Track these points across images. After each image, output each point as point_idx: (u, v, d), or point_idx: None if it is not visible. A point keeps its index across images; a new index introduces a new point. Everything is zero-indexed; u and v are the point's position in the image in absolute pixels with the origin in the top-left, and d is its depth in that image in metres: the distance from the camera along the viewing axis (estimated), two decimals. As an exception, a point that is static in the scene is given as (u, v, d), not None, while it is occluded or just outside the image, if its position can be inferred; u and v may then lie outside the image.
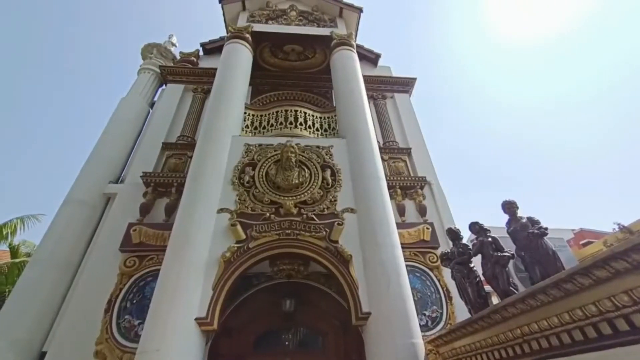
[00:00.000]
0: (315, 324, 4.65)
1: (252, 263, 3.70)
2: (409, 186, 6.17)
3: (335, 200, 4.42)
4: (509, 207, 3.06)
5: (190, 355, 3.00)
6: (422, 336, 3.49)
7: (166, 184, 5.56)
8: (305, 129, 5.77)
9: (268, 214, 4.09)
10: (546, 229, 2.77)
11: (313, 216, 4.14)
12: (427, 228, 5.53)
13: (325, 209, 4.28)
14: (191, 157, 5.17)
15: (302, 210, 4.21)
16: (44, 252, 4.76)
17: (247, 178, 4.46)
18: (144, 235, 4.84)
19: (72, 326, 4.08)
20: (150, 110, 7.55)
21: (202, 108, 7.20)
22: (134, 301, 4.30)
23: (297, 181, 4.41)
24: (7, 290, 8.28)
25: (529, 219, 2.93)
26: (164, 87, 7.98)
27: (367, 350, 3.38)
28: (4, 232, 10.00)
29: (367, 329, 3.41)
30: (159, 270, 3.79)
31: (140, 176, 5.54)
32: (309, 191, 4.42)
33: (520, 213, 3.06)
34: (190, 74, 7.85)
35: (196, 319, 3.15)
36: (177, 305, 3.18)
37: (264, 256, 3.78)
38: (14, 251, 10.54)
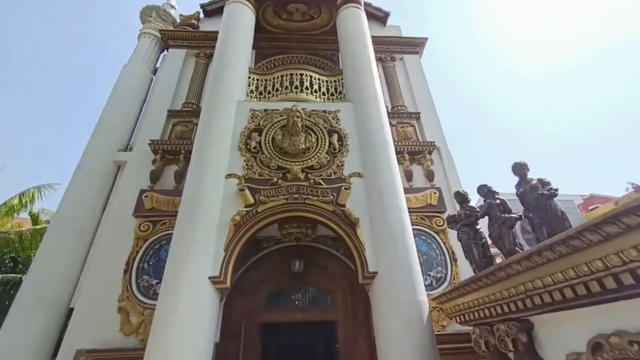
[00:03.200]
0: (324, 284, 4.85)
1: (261, 226, 3.80)
2: (417, 151, 6.09)
3: (342, 165, 4.41)
4: (520, 169, 3.01)
5: (205, 310, 3.20)
6: (427, 295, 3.63)
7: (174, 152, 5.60)
8: (311, 93, 5.62)
9: (275, 179, 4.12)
10: (556, 189, 2.73)
11: (320, 181, 4.16)
12: (435, 193, 5.53)
13: (333, 174, 4.29)
14: (197, 125, 5.15)
15: (309, 175, 4.23)
16: (61, 218, 4.96)
17: (253, 144, 4.45)
18: (156, 201, 4.96)
19: (94, 286, 4.34)
20: (154, 77, 7.42)
21: (206, 74, 7.03)
22: (151, 263, 4.52)
23: (303, 146, 4.38)
24: (31, 254, 8.74)
25: (540, 180, 2.89)
26: (165, 52, 7.76)
27: (373, 307, 3.54)
28: (23, 201, 10.38)
29: (373, 287, 3.55)
30: (172, 234, 3.95)
31: (148, 144, 5.57)
32: (315, 156, 4.41)
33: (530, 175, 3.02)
34: (192, 38, 7.57)
35: (210, 278, 3.32)
36: (190, 265, 3.33)
37: (273, 220, 3.87)
38: (34, 219, 11.00)
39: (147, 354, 3.00)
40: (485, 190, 3.27)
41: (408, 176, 5.79)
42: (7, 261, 9.47)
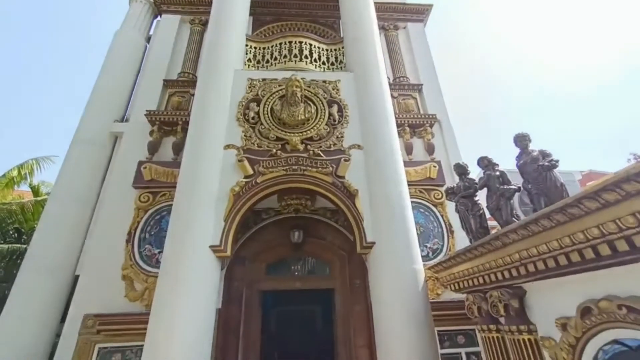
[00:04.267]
0: (322, 254, 4.96)
1: (261, 197, 3.82)
2: (418, 124, 6.01)
3: (342, 137, 4.35)
4: (521, 140, 2.97)
5: (207, 277, 3.28)
6: (422, 265, 3.72)
7: (171, 123, 5.51)
8: (311, 62, 5.44)
9: (274, 150, 4.08)
10: (557, 161, 2.71)
11: (320, 152, 4.13)
12: (434, 166, 5.52)
13: (332, 145, 4.25)
14: (194, 95, 5.04)
15: (309, 146, 4.19)
16: (61, 188, 4.96)
17: (251, 114, 4.36)
18: (155, 172, 4.96)
19: (98, 255, 4.43)
20: (147, 45, 7.14)
21: (201, 42, 6.77)
22: (152, 233, 4.59)
23: (302, 117, 4.30)
24: (34, 225, 8.86)
25: (541, 151, 2.86)
26: (158, 18, 7.42)
27: (370, 275, 3.64)
28: (22, 173, 10.36)
29: (371, 257, 3.63)
30: (172, 205, 3.97)
31: (145, 115, 5.48)
32: (315, 127, 4.34)
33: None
34: (186, 3, 7.21)
35: (210, 247, 3.38)
36: (191, 234, 3.38)
37: (272, 191, 3.88)
38: (35, 190, 11.06)
39: (152, 319, 3.11)
40: (485, 162, 3.25)
41: (408, 149, 5.75)
42: (11, 232, 9.61)
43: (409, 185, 4.39)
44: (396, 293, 3.27)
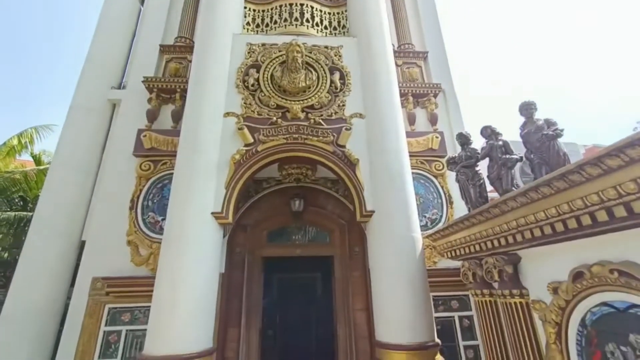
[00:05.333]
0: (322, 223, 5.04)
1: (261, 166, 3.82)
2: (421, 94, 5.86)
3: (343, 105, 4.27)
4: (526, 109, 2.90)
5: (209, 243, 3.37)
6: (421, 234, 3.78)
7: (169, 90, 5.39)
8: (312, 26, 5.21)
9: (275, 118, 4.02)
10: (562, 130, 2.67)
11: (320, 121, 4.06)
12: (437, 137, 5.46)
13: (333, 114, 4.17)
14: (192, 62, 4.88)
15: (310, 115, 4.12)
16: (61, 156, 4.96)
17: (251, 81, 4.25)
18: (155, 141, 4.92)
19: (102, 221, 4.52)
20: (142, 8, 6.82)
21: (198, 4, 6.44)
22: (154, 201, 4.65)
23: (303, 84, 4.19)
24: (39, 193, 8.97)
25: (546, 120, 2.80)
26: (152, -23, 7.01)
27: (369, 243, 3.72)
28: (22, 142, 10.34)
29: (370, 225, 3.69)
30: (173, 173, 3.98)
31: (142, 81, 5.35)
32: (316, 95, 4.24)
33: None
34: (180, -39, 6.77)
35: (212, 213, 3.43)
36: (193, 201, 3.42)
37: (272, 159, 3.87)
38: (36, 160, 11.09)
39: (157, 282, 3.23)
40: (488, 132, 3.20)
41: (411, 119, 5.66)
42: (16, 200, 9.75)
43: (410, 156, 4.37)
44: (394, 259, 3.35)
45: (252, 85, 4.24)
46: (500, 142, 3.11)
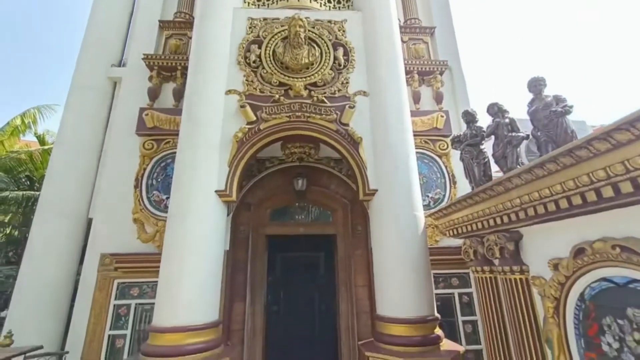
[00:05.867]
0: (325, 202, 5.08)
1: (264, 144, 3.80)
2: (427, 71, 5.71)
3: (347, 82, 4.18)
4: (535, 85, 2.82)
5: (213, 220, 3.41)
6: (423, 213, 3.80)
7: (170, 68, 5.30)
8: (316, -1, 5.03)
9: (277, 96, 3.96)
10: (571, 107, 2.60)
11: (324, 98, 3.99)
12: (442, 116, 5.37)
13: (337, 92, 4.09)
14: (192, 38, 4.76)
15: (312, 92, 4.04)
16: (65, 135, 4.96)
17: (253, 57, 4.15)
18: (157, 119, 4.89)
19: (108, 200, 4.58)
20: (138, -20, 6.58)
21: (197, -24, 6.21)
22: (159, 179, 4.68)
23: (306, 60, 4.09)
24: (44, 173, 9.07)
25: (555, 97, 2.73)
26: (148, -52, 6.72)
27: (372, 222, 3.75)
28: (26, 122, 10.34)
29: (373, 204, 3.70)
30: (176, 152, 3.98)
31: (142, 59, 5.25)
32: (319, 72, 4.15)
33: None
34: None
35: (216, 191, 3.45)
36: (197, 179, 3.44)
37: (275, 138, 3.84)
38: (40, 140, 11.13)
39: (164, 258, 3.29)
40: (495, 109, 3.13)
41: (416, 98, 5.56)
42: (23, 179, 9.87)
43: (414, 135, 4.31)
44: (396, 237, 3.39)
45: (254, 61, 4.15)
46: (507, 120, 3.05)
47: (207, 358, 2.88)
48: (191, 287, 3.06)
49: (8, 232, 9.25)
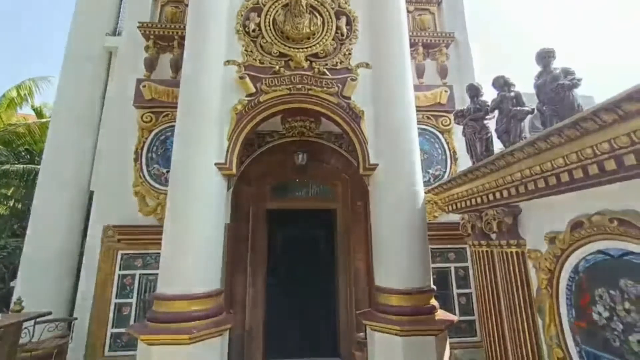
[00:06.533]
0: (326, 177, 5.09)
1: (264, 117, 3.74)
2: (433, 43, 5.53)
3: (349, 54, 4.05)
4: (544, 56, 2.71)
5: (214, 193, 3.42)
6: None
7: (167, 37, 5.12)
8: (318, -37, 4.75)
9: (277, 67, 3.85)
10: (579, 80, 2.53)
11: (325, 70, 3.88)
12: (445, 91, 5.25)
13: (338, 63, 3.97)
14: (188, 5, 4.56)
15: (314, 64, 3.92)
16: (61, 107, 4.90)
17: (252, 26, 4.00)
18: (155, 91, 4.79)
19: (108, 173, 4.58)
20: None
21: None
22: (158, 153, 4.66)
23: (308, 30, 3.93)
24: (43, 146, 9.03)
25: (563, 69, 2.64)
26: None
27: (372, 196, 3.76)
28: (22, 94, 10.16)
29: (373, 179, 3.70)
30: (175, 125, 3.92)
31: (138, 27, 5.06)
32: (321, 42, 4.00)
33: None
34: None
35: (216, 164, 3.44)
36: (196, 153, 3.41)
37: (275, 111, 3.78)
38: (38, 112, 11.01)
39: (166, 230, 3.33)
40: (501, 82, 3.05)
41: (419, 72, 5.41)
42: (23, 153, 9.85)
43: (417, 110, 4.23)
44: (395, 211, 3.41)
45: (254, 30, 4.00)
46: (512, 94, 2.98)
47: (210, 324, 2.99)
48: (193, 258, 3.12)
49: (12, 205, 9.34)
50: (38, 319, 3.60)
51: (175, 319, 2.89)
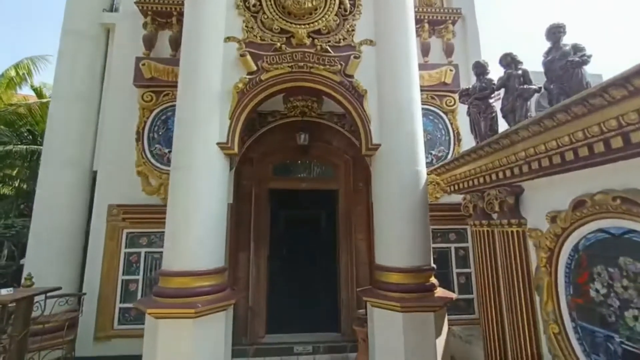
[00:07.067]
0: (328, 158, 5.07)
1: (266, 96, 3.68)
2: (439, 20, 5.35)
3: (352, 30, 3.93)
4: (554, 32, 2.63)
5: (216, 173, 3.42)
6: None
7: (165, 13, 4.98)
8: None
9: (279, 44, 3.75)
10: (589, 56, 2.46)
11: (327, 47, 3.78)
12: (451, 70, 5.13)
13: (341, 40, 3.86)
14: (186, -21, 4.40)
15: (316, 40, 3.81)
16: (61, 86, 4.82)
17: (252, 1, 3.87)
18: (154, 70, 4.71)
19: (111, 152, 4.59)
20: None
21: None
22: (160, 133, 4.64)
23: (309, 5, 3.80)
24: (44, 127, 9.01)
25: (574, 46, 2.57)
26: None
27: (373, 176, 3.76)
28: (20, 73, 10.05)
29: (375, 159, 3.69)
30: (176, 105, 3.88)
31: (135, 2, 4.92)
32: (323, 18, 3.88)
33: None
34: None
35: (218, 143, 3.42)
36: (197, 132, 3.39)
37: (277, 89, 3.71)
38: (38, 93, 10.92)
39: (169, 211, 3.35)
40: (508, 59, 2.97)
41: (425, 50, 5.27)
42: (25, 134, 9.84)
43: (421, 90, 4.15)
44: (397, 191, 3.41)
45: (254, 5, 3.87)
46: (520, 72, 2.91)
47: (214, 299, 3.07)
48: (196, 236, 3.16)
49: (17, 185, 9.44)
50: (48, 294, 3.71)
51: (180, 294, 2.97)
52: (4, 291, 3.45)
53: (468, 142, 4.55)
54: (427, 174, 3.78)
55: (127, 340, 4.04)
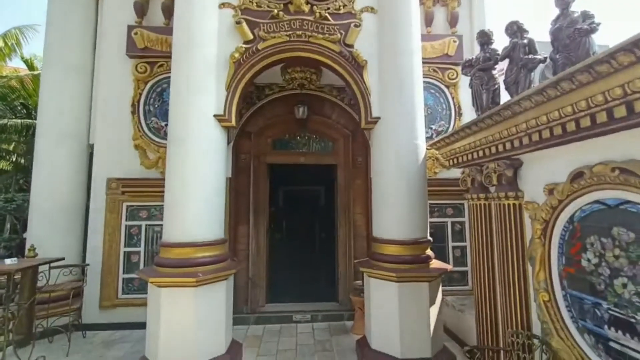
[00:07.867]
0: (326, 132, 5.01)
1: (263, 66, 3.57)
2: (445, -14, 5.10)
3: (353, -4, 3.75)
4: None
5: (214, 145, 3.38)
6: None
7: (156, -23, 4.73)
8: None
9: (276, 11, 3.58)
10: (598, 24, 2.36)
11: (327, 15, 3.62)
12: (454, 41, 4.95)
13: (341, 7, 3.70)
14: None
15: (314, 7, 3.65)
16: (51, 57, 4.65)
17: (248, -37, 3.66)
18: (147, 39, 4.55)
19: (107, 125, 4.51)
20: None
21: None
22: (156, 105, 4.55)
23: (308, -32, 3.61)
24: (36, 99, 8.82)
25: (583, 13, 2.46)
26: None
27: (372, 149, 3.72)
28: (9, 44, 9.70)
29: (374, 133, 3.64)
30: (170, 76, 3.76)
31: (123, -35, 4.65)
32: (323, -18, 3.69)
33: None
34: None
35: (215, 115, 3.36)
36: (194, 104, 3.31)
37: (274, 59, 3.59)
38: (29, 65, 10.59)
39: (167, 184, 3.34)
40: (514, 28, 2.86)
41: (428, 20, 5.07)
42: (19, 107, 9.64)
43: (422, 62, 4.01)
44: (396, 164, 3.40)
45: (250, -32, 3.66)
46: (525, 41, 2.81)
47: (215, 269, 3.14)
48: (195, 208, 3.17)
49: (14, 160, 9.38)
50: (52, 264, 3.80)
51: (181, 264, 3.03)
52: (8, 261, 3.52)
53: (469, 117, 4.49)
54: (427, 149, 3.76)
55: (132, 309, 4.19)
